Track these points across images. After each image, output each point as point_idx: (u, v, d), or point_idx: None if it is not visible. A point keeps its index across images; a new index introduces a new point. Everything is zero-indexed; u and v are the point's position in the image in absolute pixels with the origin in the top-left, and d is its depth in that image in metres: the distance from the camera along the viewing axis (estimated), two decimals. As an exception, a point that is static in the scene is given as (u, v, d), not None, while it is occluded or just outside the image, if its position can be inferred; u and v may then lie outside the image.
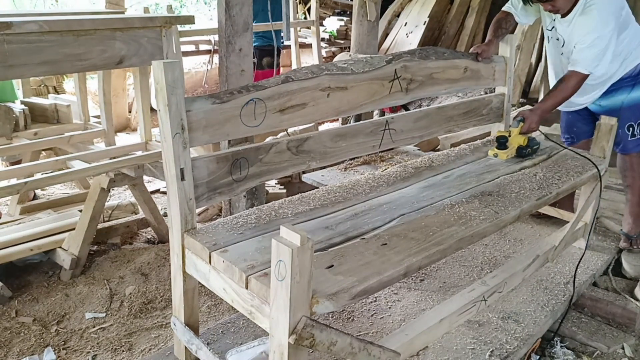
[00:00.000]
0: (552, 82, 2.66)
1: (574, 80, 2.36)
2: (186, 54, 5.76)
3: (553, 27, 2.51)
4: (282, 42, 5.17)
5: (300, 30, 6.67)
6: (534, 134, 2.49)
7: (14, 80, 3.73)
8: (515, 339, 2.00)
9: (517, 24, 2.69)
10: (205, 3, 10.71)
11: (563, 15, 2.39)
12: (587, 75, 2.35)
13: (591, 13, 2.29)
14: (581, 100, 2.58)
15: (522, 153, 2.40)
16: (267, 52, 5.08)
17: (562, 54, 2.51)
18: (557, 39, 2.50)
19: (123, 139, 5.51)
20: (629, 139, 2.54)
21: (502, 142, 2.39)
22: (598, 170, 2.34)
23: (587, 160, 2.39)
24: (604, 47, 2.29)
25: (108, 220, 3.42)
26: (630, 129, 2.52)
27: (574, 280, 2.32)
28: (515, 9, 2.59)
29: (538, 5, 2.47)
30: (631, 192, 2.67)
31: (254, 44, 5.01)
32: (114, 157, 3.11)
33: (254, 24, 4.29)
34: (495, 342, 1.98)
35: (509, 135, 2.39)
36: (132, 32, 2.83)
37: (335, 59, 4.94)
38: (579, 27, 2.32)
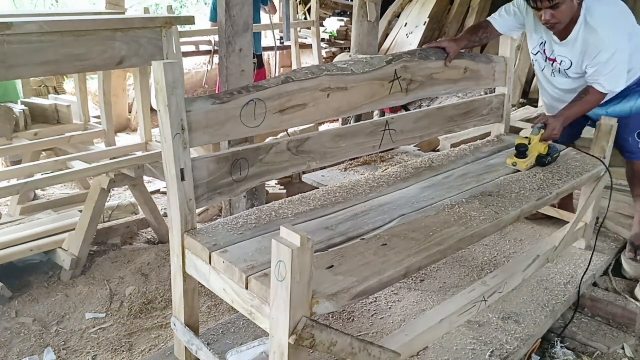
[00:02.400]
0: (544, 93, 2.64)
1: (596, 96, 2.33)
2: (186, 54, 5.76)
3: (538, 52, 2.48)
4: (261, 50, 5.26)
5: (300, 31, 6.67)
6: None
7: (17, 80, 3.74)
8: (515, 339, 2.00)
9: (493, 37, 2.60)
10: (205, 3, 10.71)
11: (562, 38, 2.33)
12: (607, 93, 2.32)
13: (597, 33, 2.22)
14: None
15: (542, 162, 2.24)
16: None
17: (552, 74, 2.49)
18: (546, 62, 2.46)
19: (123, 139, 5.52)
20: (639, 146, 2.49)
21: (521, 151, 2.21)
22: (607, 168, 2.32)
23: (587, 161, 2.39)
24: (620, 64, 2.25)
25: (108, 221, 3.42)
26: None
27: (579, 288, 2.31)
28: (498, 18, 2.52)
29: (530, 20, 2.41)
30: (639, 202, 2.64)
31: None
32: (114, 158, 3.11)
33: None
34: (495, 342, 1.98)
35: (529, 143, 2.22)
36: (132, 32, 2.83)
37: (335, 59, 4.94)
38: (589, 46, 2.26)
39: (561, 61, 2.41)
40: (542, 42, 2.46)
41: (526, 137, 2.24)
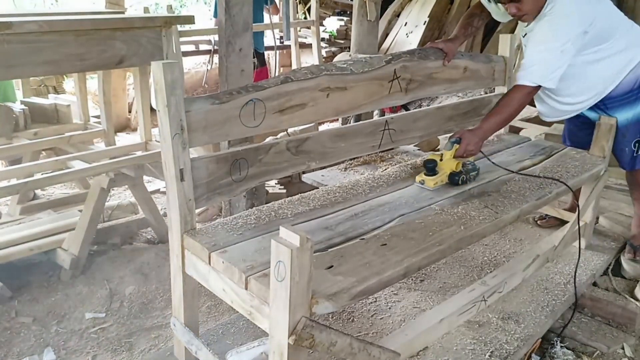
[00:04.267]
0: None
1: (519, 94, 2.15)
2: (186, 54, 5.77)
3: (526, 33, 2.38)
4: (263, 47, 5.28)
5: (300, 30, 6.68)
6: (472, 158, 2.15)
7: (14, 81, 3.75)
8: (515, 339, 2.00)
9: (490, 20, 2.52)
10: (205, 3, 10.72)
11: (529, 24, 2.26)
12: (533, 89, 2.16)
13: (543, 24, 2.15)
14: (568, 107, 2.45)
15: (454, 180, 2.03)
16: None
17: None
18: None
19: (123, 139, 5.52)
20: (635, 154, 2.43)
21: (430, 167, 2.03)
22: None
23: (587, 160, 2.39)
24: (553, 60, 2.12)
25: (108, 220, 3.42)
26: (637, 144, 2.41)
27: (575, 282, 2.31)
28: (488, 5, 2.43)
29: None
30: (639, 206, 2.63)
31: None
32: (114, 157, 3.11)
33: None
34: (495, 342, 1.97)
35: (441, 159, 2.05)
36: (132, 32, 2.83)
37: (335, 59, 4.95)
38: (532, 36, 2.20)
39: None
40: (525, 25, 2.37)
41: (438, 154, 2.10)
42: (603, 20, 2.22)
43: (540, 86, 2.18)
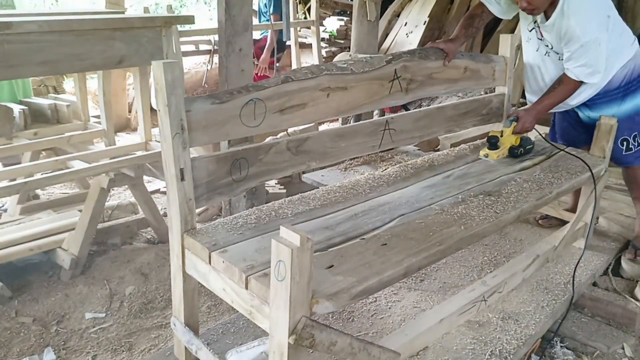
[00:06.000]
0: (530, 82, 2.58)
1: (570, 85, 2.34)
2: (186, 54, 5.77)
3: (533, 28, 2.43)
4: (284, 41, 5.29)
5: (300, 30, 6.67)
6: (528, 134, 2.44)
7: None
8: (515, 339, 2.00)
9: (490, 20, 2.53)
10: (205, 3, 10.72)
11: (547, 18, 2.28)
12: (582, 83, 2.32)
13: (570, 21, 2.19)
14: (572, 101, 2.49)
15: (515, 153, 2.36)
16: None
17: (547, 54, 2.43)
18: (541, 41, 2.41)
19: (123, 139, 5.51)
20: (624, 153, 2.47)
21: (493, 142, 2.35)
22: (592, 172, 2.30)
23: (587, 160, 2.38)
24: (592, 54, 2.21)
25: (108, 220, 3.42)
26: (625, 143, 2.45)
27: (573, 280, 2.31)
28: (490, 3, 2.44)
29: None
30: (639, 205, 2.63)
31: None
32: (114, 157, 3.11)
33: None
34: (495, 342, 1.97)
35: (501, 135, 2.35)
36: (132, 32, 2.83)
37: (335, 59, 4.94)
38: (564, 32, 2.23)
39: (543, 41, 2.41)
40: (535, 20, 2.39)
41: (499, 130, 2.38)
42: (613, 12, 2.31)
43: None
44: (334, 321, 2.09)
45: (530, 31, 2.47)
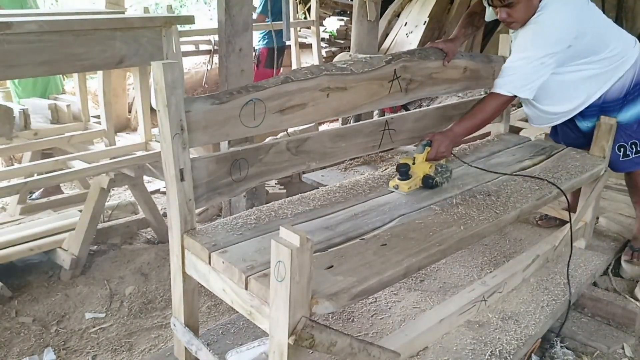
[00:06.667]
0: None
1: (494, 102, 2.13)
2: (186, 54, 5.77)
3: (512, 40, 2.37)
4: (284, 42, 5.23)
5: (300, 30, 6.67)
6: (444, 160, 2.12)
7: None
8: (515, 339, 2.00)
9: (490, 20, 2.46)
10: (205, 3, 10.72)
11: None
12: (509, 98, 2.13)
13: (527, 31, 2.11)
14: (551, 116, 2.44)
15: (429, 184, 1.99)
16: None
17: None
18: None
19: (123, 139, 5.51)
20: (621, 159, 2.45)
21: (403, 171, 1.97)
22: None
23: (587, 160, 2.38)
24: (531, 72, 2.09)
25: (108, 220, 3.42)
26: (622, 149, 2.43)
27: (568, 280, 2.31)
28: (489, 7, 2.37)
29: None
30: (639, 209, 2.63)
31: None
32: (114, 157, 3.11)
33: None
34: (495, 342, 1.97)
35: (413, 163, 2.01)
36: (132, 32, 2.83)
37: (335, 59, 4.94)
38: (516, 42, 2.18)
39: None
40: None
41: (410, 157, 2.06)
42: (590, 37, 2.19)
43: (516, 95, 2.15)
44: (334, 321, 2.09)
45: (511, 42, 2.44)
